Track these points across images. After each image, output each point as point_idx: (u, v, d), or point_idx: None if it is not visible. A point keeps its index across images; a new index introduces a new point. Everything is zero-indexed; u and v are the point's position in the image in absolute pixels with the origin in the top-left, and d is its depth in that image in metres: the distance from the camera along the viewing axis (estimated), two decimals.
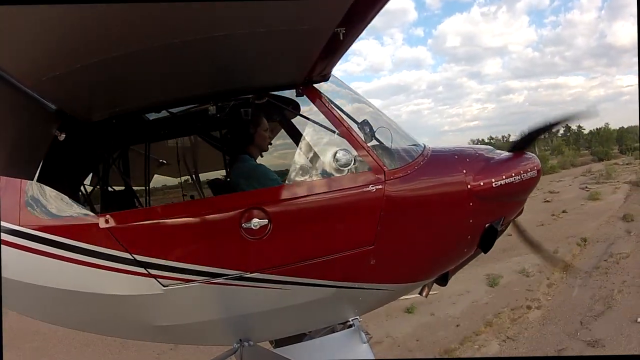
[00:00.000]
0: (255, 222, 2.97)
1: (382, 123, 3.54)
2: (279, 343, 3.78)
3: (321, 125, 3.31)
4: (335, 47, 2.74)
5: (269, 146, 3.67)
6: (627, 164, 39.20)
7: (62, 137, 2.91)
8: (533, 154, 3.91)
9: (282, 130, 4.15)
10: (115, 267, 2.98)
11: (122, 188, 3.62)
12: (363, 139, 3.27)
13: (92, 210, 3.25)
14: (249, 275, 3.03)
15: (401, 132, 3.76)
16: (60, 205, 3.15)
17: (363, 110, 3.67)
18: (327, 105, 3.25)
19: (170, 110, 3.31)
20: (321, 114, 3.26)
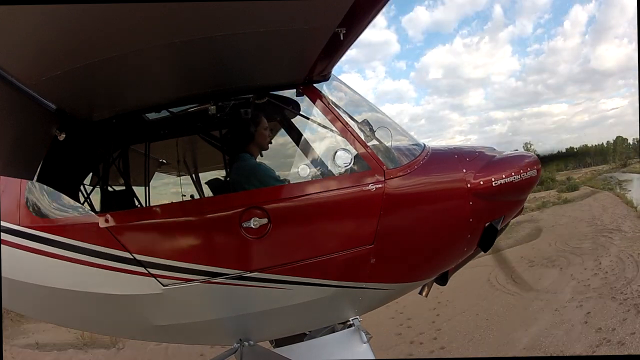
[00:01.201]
0: (255, 222, 2.97)
1: (382, 122, 3.55)
2: (279, 343, 3.78)
3: (321, 125, 3.31)
4: (336, 47, 2.75)
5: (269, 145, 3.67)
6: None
7: (62, 137, 2.91)
8: (533, 154, 3.91)
9: (282, 130, 4.15)
10: (115, 266, 2.98)
11: (122, 188, 3.62)
12: (363, 138, 3.27)
13: (92, 210, 3.25)
14: (248, 274, 3.03)
15: (401, 131, 3.76)
16: (60, 205, 3.15)
17: (363, 110, 3.67)
18: (327, 104, 3.25)
19: (170, 110, 3.31)
20: (321, 113, 3.26)
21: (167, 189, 5.20)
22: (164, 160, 4.76)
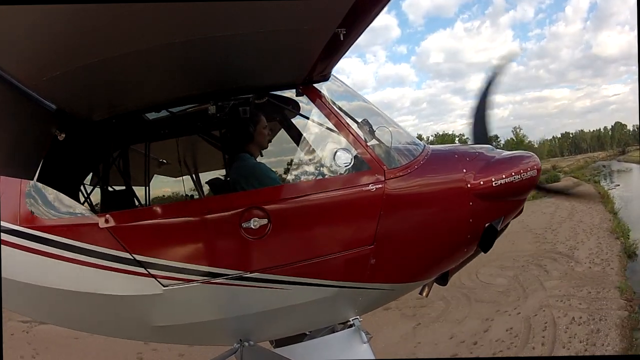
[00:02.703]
0: (255, 222, 2.97)
1: (382, 122, 3.55)
2: (279, 343, 3.77)
3: (321, 125, 3.31)
4: (336, 48, 2.75)
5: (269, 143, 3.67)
6: None
7: (62, 137, 2.91)
8: (533, 153, 3.91)
9: (282, 130, 4.15)
10: (115, 267, 2.98)
11: (122, 188, 3.62)
12: (363, 138, 3.27)
13: (92, 210, 3.24)
14: (248, 275, 3.03)
15: (401, 131, 3.76)
16: (60, 205, 3.15)
17: (363, 110, 3.67)
18: (327, 104, 3.25)
19: (170, 110, 3.31)
20: (321, 113, 3.26)
21: (167, 189, 5.20)
22: (164, 160, 4.77)
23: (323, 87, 3.31)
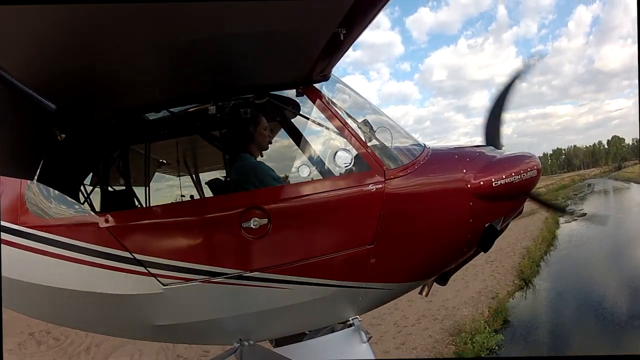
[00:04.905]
0: (255, 222, 2.97)
1: (383, 123, 3.55)
2: (279, 343, 3.78)
3: (321, 125, 3.31)
4: (336, 47, 2.75)
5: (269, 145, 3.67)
6: None
7: (62, 137, 2.92)
8: (533, 154, 3.91)
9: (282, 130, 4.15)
10: (115, 266, 2.98)
11: (123, 188, 3.63)
12: (363, 138, 3.27)
13: (92, 209, 3.25)
14: (248, 274, 3.04)
15: (401, 131, 3.76)
16: (60, 205, 3.15)
17: (363, 110, 3.67)
18: (327, 105, 3.25)
19: (170, 109, 3.31)
20: (321, 113, 3.27)
21: (167, 189, 5.21)
22: (164, 160, 4.77)
23: (323, 88, 3.31)
